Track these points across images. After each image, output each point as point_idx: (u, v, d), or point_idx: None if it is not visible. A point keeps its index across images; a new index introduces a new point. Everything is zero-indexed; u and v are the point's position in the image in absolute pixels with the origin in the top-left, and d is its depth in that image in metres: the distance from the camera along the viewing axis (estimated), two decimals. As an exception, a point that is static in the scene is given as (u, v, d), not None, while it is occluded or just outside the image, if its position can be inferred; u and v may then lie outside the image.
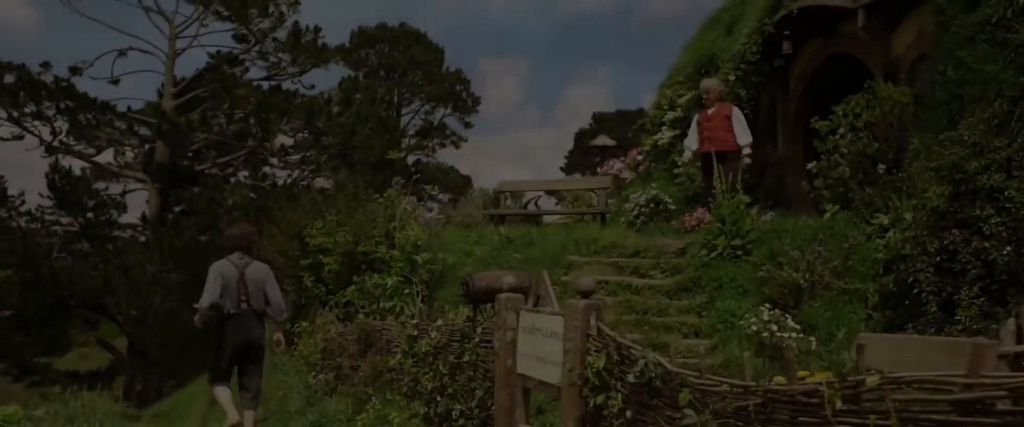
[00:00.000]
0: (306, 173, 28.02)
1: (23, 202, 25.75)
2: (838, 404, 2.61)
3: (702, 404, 3.23)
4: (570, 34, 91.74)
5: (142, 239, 26.22)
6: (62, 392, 14.58)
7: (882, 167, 8.37)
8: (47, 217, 26.15)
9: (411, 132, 44.38)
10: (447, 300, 9.43)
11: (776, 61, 11.25)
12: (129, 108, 26.34)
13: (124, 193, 27.53)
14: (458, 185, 40.32)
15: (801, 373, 3.61)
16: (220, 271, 7.47)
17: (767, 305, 7.01)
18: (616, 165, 15.01)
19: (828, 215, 8.61)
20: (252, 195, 25.84)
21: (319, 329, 10.16)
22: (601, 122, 46.59)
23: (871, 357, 4.33)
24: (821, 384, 2.67)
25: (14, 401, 12.69)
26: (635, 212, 10.96)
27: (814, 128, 9.31)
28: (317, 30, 26.75)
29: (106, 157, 27.16)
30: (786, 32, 10.70)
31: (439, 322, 6.99)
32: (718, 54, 12.59)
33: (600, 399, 4.08)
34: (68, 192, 25.30)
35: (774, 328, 6.55)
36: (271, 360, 11.81)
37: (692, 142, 10.37)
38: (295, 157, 27.88)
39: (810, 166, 9.45)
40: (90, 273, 23.87)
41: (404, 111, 44.18)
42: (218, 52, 26.80)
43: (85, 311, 25.31)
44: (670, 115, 13.04)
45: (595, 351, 4.20)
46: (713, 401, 3.16)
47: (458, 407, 6.16)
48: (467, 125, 45.45)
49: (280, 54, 26.94)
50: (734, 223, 8.40)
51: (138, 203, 39.04)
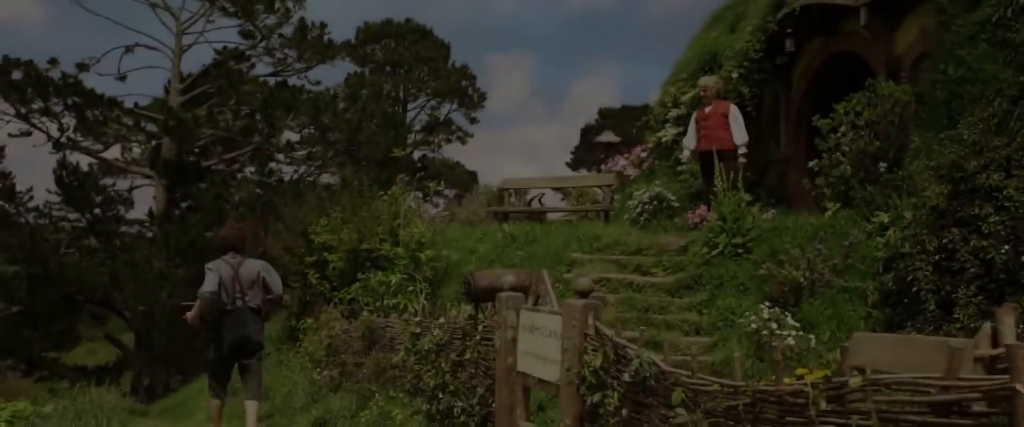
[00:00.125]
0: (312, 169, 28.11)
1: (31, 198, 25.94)
2: (822, 404, 2.67)
3: (694, 403, 3.29)
4: (577, 29, 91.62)
5: (149, 235, 26.38)
6: (70, 387, 14.73)
7: (883, 165, 8.39)
8: (55, 213, 26.32)
9: (417, 128, 44.40)
10: (450, 297, 9.49)
11: (779, 59, 11.26)
12: (136, 104, 26.43)
13: (131, 189, 27.68)
14: (464, 181, 40.28)
15: (799, 371, 3.67)
16: (215, 268, 7.60)
17: (767, 303, 7.05)
18: (620, 162, 15.01)
19: (829, 213, 8.64)
20: (258, 191, 25.91)
21: (324, 326, 10.23)
22: (607, 117, 46.58)
23: (867, 356, 4.39)
24: (806, 385, 2.73)
25: (23, 396, 12.81)
26: (638, 209, 10.99)
27: (816, 126, 9.34)
28: (323, 26, 26.75)
29: (113, 153, 27.40)
30: (789, 30, 10.71)
31: (441, 320, 7.04)
32: (721, 51, 12.60)
33: (597, 397, 4.14)
34: (76, 188, 25.44)
35: (774, 326, 6.59)
36: (276, 357, 11.94)
37: (690, 141, 10.39)
38: (301, 153, 27.96)
39: (812, 164, 9.47)
40: (98, 269, 24.02)
41: (410, 107, 44.20)
42: (224, 48, 26.82)
43: (93, 307, 25.47)
44: (673, 112, 13.06)
45: (592, 350, 4.26)
46: (704, 400, 3.22)
47: (460, 404, 6.21)
48: (473, 120, 45.39)
49: (286, 50, 26.97)
50: (735, 221, 8.44)
51: (145, 199, 39.22)
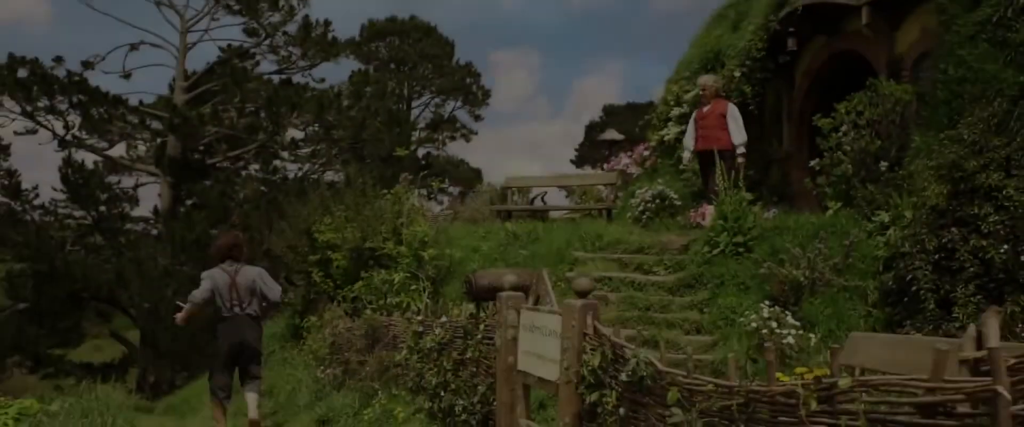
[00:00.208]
0: (317, 167, 28.16)
1: (37, 196, 26.15)
2: (813, 405, 2.71)
3: (689, 403, 3.33)
4: (581, 25, 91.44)
5: (154, 232, 26.51)
6: (76, 384, 14.80)
7: (884, 164, 8.41)
8: (60, 210, 26.49)
9: (421, 125, 44.49)
10: (453, 296, 9.53)
11: (781, 57, 11.27)
12: (141, 102, 26.58)
13: (136, 187, 27.79)
14: (468, 178, 40.34)
15: (799, 369, 3.71)
16: (211, 277, 7.81)
17: (768, 302, 7.08)
18: (624, 160, 15.01)
19: (830, 212, 8.66)
20: (263, 188, 25.98)
21: (327, 324, 10.28)
22: (611, 115, 46.54)
23: (865, 356, 4.42)
24: (797, 386, 2.77)
25: (29, 394, 12.87)
26: (641, 208, 11.00)
27: (817, 125, 9.36)
28: (327, 24, 26.81)
29: (118, 151, 27.47)
30: (791, 29, 10.72)
31: (443, 319, 7.08)
32: (724, 50, 12.60)
33: (595, 396, 4.18)
34: (81, 186, 25.57)
35: (774, 325, 6.62)
36: (280, 355, 12.00)
37: (689, 141, 10.41)
38: (306, 151, 27.99)
39: (813, 163, 9.50)
40: (103, 266, 24.16)
41: (414, 104, 44.28)
42: (229, 46, 26.95)
43: (98, 304, 25.60)
44: (676, 111, 13.05)
45: (591, 350, 4.30)
46: (699, 400, 3.26)
47: (461, 402, 6.25)
48: (477, 118, 45.49)
49: (290, 48, 27.01)
50: (736, 220, 8.47)
51: (150, 197, 39.20)
